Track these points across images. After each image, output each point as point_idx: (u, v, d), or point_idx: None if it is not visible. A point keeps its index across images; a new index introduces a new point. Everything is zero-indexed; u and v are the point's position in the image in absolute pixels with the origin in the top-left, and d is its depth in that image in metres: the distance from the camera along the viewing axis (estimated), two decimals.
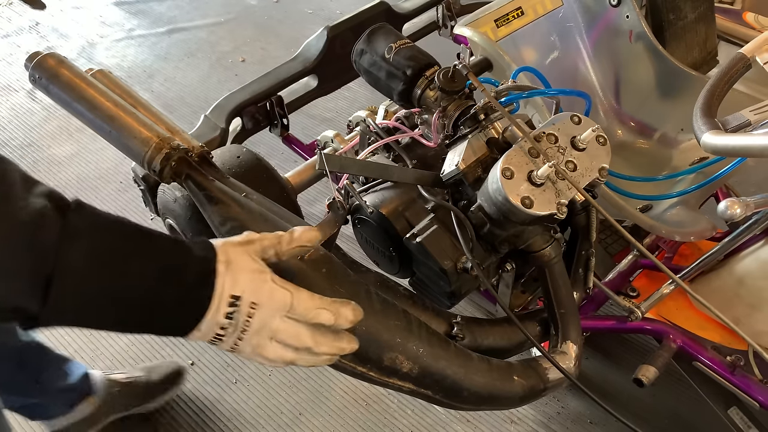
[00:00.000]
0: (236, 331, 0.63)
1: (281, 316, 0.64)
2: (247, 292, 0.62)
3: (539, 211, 0.89)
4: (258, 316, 0.63)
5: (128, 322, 0.62)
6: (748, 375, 1.11)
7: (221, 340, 0.63)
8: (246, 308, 0.62)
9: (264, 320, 0.63)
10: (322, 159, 0.96)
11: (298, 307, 0.65)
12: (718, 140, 0.90)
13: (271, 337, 0.64)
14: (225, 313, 0.62)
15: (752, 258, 1.13)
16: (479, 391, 0.92)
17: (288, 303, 0.64)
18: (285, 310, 0.64)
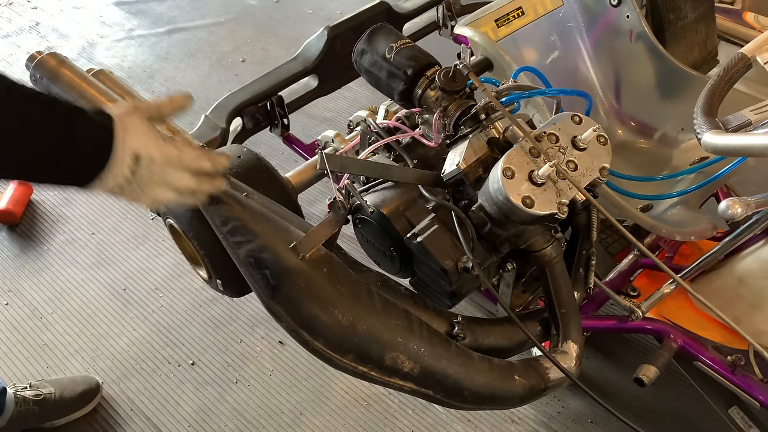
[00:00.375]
0: (135, 182, 0.74)
1: (171, 167, 0.76)
2: (144, 149, 0.73)
3: (540, 210, 0.89)
4: (156, 169, 0.74)
5: (35, 169, 0.69)
6: (748, 374, 1.11)
7: (122, 190, 0.74)
8: (145, 162, 0.73)
9: (160, 172, 0.75)
10: (323, 158, 0.96)
11: (185, 158, 0.77)
12: (718, 140, 0.90)
13: (163, 184, 0.76)
14: (128, 167, 0.72)
15: (753, 257, 1.13)
16: (480, 390, 0.92)
17: (177, 156, 0.77)
18: (175, 162, 0.76)
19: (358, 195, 1.07)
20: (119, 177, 0.72)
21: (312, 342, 0.87)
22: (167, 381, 1.61)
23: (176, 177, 0.77)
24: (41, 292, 1.85)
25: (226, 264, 1.07)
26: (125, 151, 0.71)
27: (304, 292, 0.87)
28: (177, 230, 1.18)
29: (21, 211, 2.05)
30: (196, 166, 0.79)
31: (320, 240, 0.91)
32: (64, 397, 1.50)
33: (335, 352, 0.87)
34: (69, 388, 1.52)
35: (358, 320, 0.87)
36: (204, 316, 1.75)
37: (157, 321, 1.75)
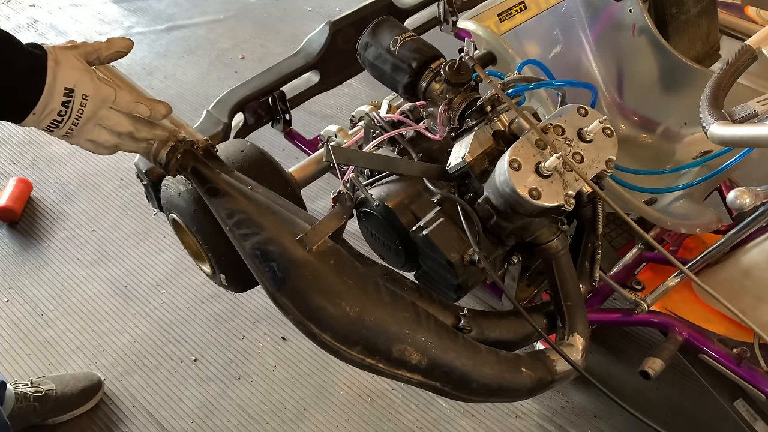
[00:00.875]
0: (70, 119, 0.73)
1: (107, 108, 0.76)
2: (79, 86, 0.73)
3: (547, 202, 0.89)
4: (89, 106, 0.74)
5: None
6: (754, 367, 1.12)
7: (57, 126, 0.74)
8: (79, 98, 0.73)
9: (94, 110, 0.74)
10: (329, 151, 0.95)
11: (120, 100, 0.76)
12: (726, 131, 0.90)
13: (98, 124, 0.76)
14: (60, 101, 0.72)
15: (759, 249, 1.13)
16: (488, 382, 0.92)
17: (112, 96, 0.75)
18: (110, 102, 0.76)
19: (363, 188, 1.07)
20: (52, 112, 0.72)
21: (319, 334, 0.87)
22: (170, 377, 1.61)
23: (112, 117, 0.77)
24: (42, 289, 1.84)
25: (230, 258, 1.06)
26: (56, 84, 0.71)
27: (311, 284, 0.86)
28: (180, 225, 1.18)
29: (21, 208, 2.04)
30: (132, 108, 0.78)
31: (327, 232, 0.90)
32: (66, 393, 1.50)
33: (343, 344, 0.87)
34: (71, 385, 1.52)
35: (366, 312, 0.86)
36: (206, 313, 1.75)
37: (159, 317, 1.75)
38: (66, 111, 0.73)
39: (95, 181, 2.18)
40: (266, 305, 1.75)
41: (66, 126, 0.74)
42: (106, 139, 0.78)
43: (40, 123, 0.73)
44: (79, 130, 0.75)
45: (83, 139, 0.77)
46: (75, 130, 0.75)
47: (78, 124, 0.75)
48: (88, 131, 0.76)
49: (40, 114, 0.72)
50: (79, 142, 0.78)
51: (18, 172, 2.21)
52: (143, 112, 0.79)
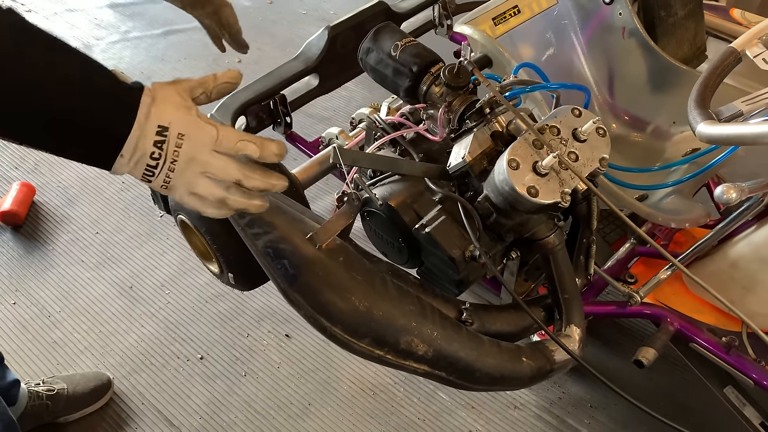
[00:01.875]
0: (166, 163, 0.63)
1: (209, 150, 0.65)
2: (174, 123, 0.63)
3: (544, 199, 0.93)
4: (186, 146, 0.63)
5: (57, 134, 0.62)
6: (742, 355, 1.16)
7: (153, 173, 0.64)
8: (174, 138, 0.63)
9: (193, 152, 0.64)
10: (336, 153, 0.99)
11: (224, 140, 0.65)
12: (712, 130, 0.95)
13: (201, 171, 0.65)
14: (153, 141, 0.62)
15: (745, 242, 1.18)
16: (491, 372, 0.97)
17: (214, 136, 0.65)
18: (212, 144, 0.65)
19: (367, 188, 1.11)
20: (144, 155, 0.62)
21: (330, 328, 0.91)
22: (177, 375, 1.65)
23: (216, 162, 0.65)
24: (48, 291, 1.87)
25: (238, 258, 1.10)
26: (149, 121, 0.62)
27: (321, 280, 0.90)
28: (188, 226, 1.21)
29: (25, 212, 2.07)
30: (238, 149, 0.66)
31: (336, 230, 0.94)
32: (77, 392, 1.53)
33: (352, 337, 0.91)
34: (81, 384, 1.55)
35: (374, 306, 0.90)
36: (211, 312, 1.79)
37: (164, 317, 1.78)
38: (160, 154, 0.63)
39: (97, 184, 2.22)
40: (270, 304, 1.79)
41: (162, 173, 0.64)
42: (210, 192, 0.66)
43: (134, 169, 0.64)
44: (178, 179, 0.65)
45: (185, 192, 0.66)
46: (174, 179, 0.64)
47: (175, 170, 0.64)
48: (190, 182, 0.65)
49: (129, 157, 0.62)
50: (182, 197, 0.67)
51: (20, 177, 2.24)
52: (252, 152, 0.66)
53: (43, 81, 0.59)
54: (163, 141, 0.63)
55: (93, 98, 0.61)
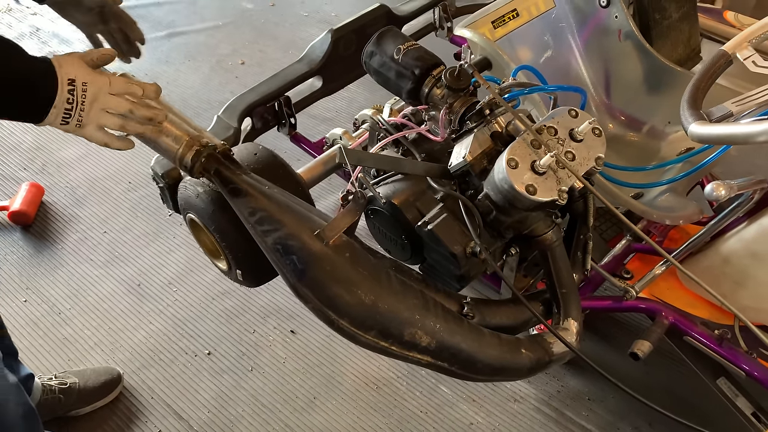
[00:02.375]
0: (77, 106, 0.85)
1: (105, 93, 0.88)
2: (79, 76, 0.86)
3: (542, 197, 0.97)
4: (90, 90, 0.86)
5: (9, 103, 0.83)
6: (734, 347, 1.20)
7: (69, 115, 0.85)
8: (80, 86, 0.85)
9: (95, 94, 0.87)
10: (342, 153, 1.03)
11: (115, 84, 0.89)
12: (703, 130, 0.99)
13: (102, 108, 0.88)
14: (67, 90, 0.84)
15: (736, 238, 1.22)
16: (492, 363, 1.00)
17: (108, 82, 0.88)
18: (107, 88, 0.88)
19: (371, 187, 1.15)
20: (63, 102, 0.84)
21: (337, 320, 0.94)
22: (185, 370, 1.68)
23: (111, 100, 0.88)
24: (58, 288, 1.91)
25: (246, 255, 1.14)
26: (62, 78, 0.84)
27: (329, 274, 0.94)
28: (197, 224, 1.25)
29: (34, 212, 2.11)
30: (126, 89, 0.89)
31: (342, 227, 0.98)
32: (88, 386, 1.57)
33: (359, 329, 0.95)
34: (92, 379, 1.59)
35: (380, 299, 0.94)
36: (217, 309, 1.82)
37: (172, 314, 1.82)
38: (72, 99, 0.85)
39: (104, 184, 2.25)
40: (275, 301, 1.83)
41: (76, 114, 0.86)
42: (112, 122, 0.89)
43: (57, 116, 0.85)
44: (87, 117, 0.87)
45: (93, 127, 0.88)
46: (84, 118, 0.86)
47: (84, 109, 0.86)
48: (95, 116, 0.87)
49: (58, 105, 0.84)
50: (91, 133, 0.88)
51: (29, 177, 2.28)
52: (136, 92, 0.90)
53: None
54: (73, 89, 0.85)
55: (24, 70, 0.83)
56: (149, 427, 1.58)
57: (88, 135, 0.89)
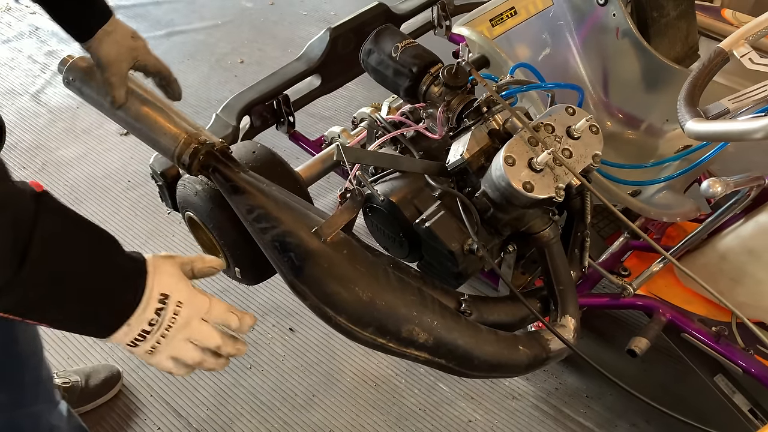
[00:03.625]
0: (160, 329, 0.67)
1: (199, 319, 0.70)
2: (174, 292, 0.68)
3: (539, 194, 0.98)
4: (183, 313, 0.68)
5: (69, 308, 0.65)
6: (731, 344, 1.21)
7: (144, 338, 0.67)
8: (173, 306, 0.68)
9: (187, 319, 0.69)
10: (340, 150, 1.04)
11: (213, 310, 0.72)
12: (700, 127, 0.99)
13: (188, 337, 0.70)
14: (155, 308, 0.67)
15: (733, 236, 1.22)
16: (489, 359, 1.01)
17: (207, 306, 0.71)
18: (203, 313, 0.71)
19: (369, 185, 1.15)
20: (144, 321, 0.66)
21: (335, 317, 0.95)
22: None
23: (204, 330, 0.71)
24: None
25: (245, 253, 1.14)
26: (154, 290, 0.67)
27: (326, 271, 0.94)
28: (196, 222, 1.25)
29: None
30: (224, 320, 0.73)
31: (340, 224, 0.98)
32: (89, 385, 1.58)
33: (356, 326, 0.95)
34: (93, 377, 1.59)
35: (377, 296, 0.94)
36: None
37: None
38: (157, 320, 0.67)
39: (104, 183, 2.26)
40: (274, 298, 1.83)
41: (153, 338, 0.67)
42: (191, 356, 0.70)
43: (128, 335, 0.66)
44: (166, 344, 0.68)
45: (165, 356, 0.69)
46: (162, 344, 0.68)
47: (167, 336, 0.68)
48: (175, 346, 0.69)
49: (134, 324, 0.66)
50: (159, 361, 0.70)
51: (28, 177, 2.28)
52: (232, 324, 0.74)
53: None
54: (162, 308, 0.67)
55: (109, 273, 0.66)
56: (148, 424, 1.59)
57: (155, 363, 0.70)
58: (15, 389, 1.09)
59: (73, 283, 0.63)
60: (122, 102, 1.01)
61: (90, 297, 0.65)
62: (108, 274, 0.66)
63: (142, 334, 0.67)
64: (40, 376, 1.15)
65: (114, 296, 0.66)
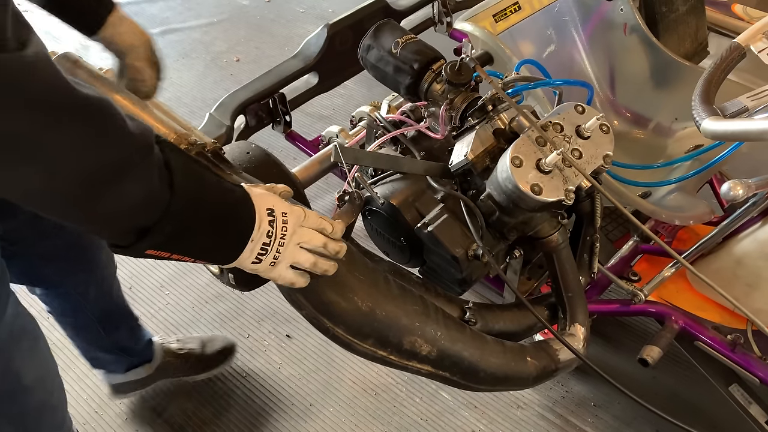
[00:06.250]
0: (276, 239, 0.74)
1: (300, 226, 0.77)
2: (276, 205, 0.75)
3: (548, 197, 0.93)
4: (290, 221, 0.76)
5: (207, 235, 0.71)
6: (747, 352, 1.16)
7: (266, 250, 0.74)
8: (280, 216, 0.75)
9: (294, 226, 0.76)
10: (337, 151, 0.98)
11: (309, 217, 0.79)
12: (717, 126, 0.94)
13: (298, 242, 0.77)
14: (268, 221, 0.73)
15: (750, 239, 1.17)
16: (495, 372, 0.96)
17: (303, 214, 0.78)
18: (302, 220, 0.78)
19: (369, 187, 1.10)
20: (263, 234, 0.73)
21: (332, 328, 0.90)
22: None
23: (306, 233, 0.77)
24: None
25: None
26: (260, 207, 0.73)
27: (323, 280, 0.89)
28: None
29: None
30: (319, 224, 0.79)
31: None
32: (206, 352, 1.59)
33: (355, 338, 0.90)
34: (209, 345, 1.61)
35: (377, 306, 0.89)
36: (211, 313, 1.77)
37: (164, 318, 1.77)
38: (272, 232, 0.74)
39: None
40: (270, 304, 1.78)
41: (273, 249, 0.74)
42: (306, 258, 0.78)
43: (253, 251, 0.73)
44: (284, 252, 0.75)
45: (285, 265, 0.77)
46: (282, 252, 0.75)
47: (284, 244, 0.75)
48: (291, 252, 0.76)
49: (255, 240, 0.72)
50: (281, 272, 0.77)
51: None
52: (327, 228, 0.80)
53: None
54: (273, 220, 0.74)
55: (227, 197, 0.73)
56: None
57: (277, 275, 0.78)
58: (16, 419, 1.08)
59: (206, 210, 0.70)
60: (155, 85, 1.07)
61: (220, 222, 0.71)
62: (227, 198, 0.72)
63: (264, 247, 0.74)
64: (46, 402, 1.14)
65: (238, 217, 0.72)
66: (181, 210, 0.66)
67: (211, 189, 0.71)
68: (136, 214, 0.64)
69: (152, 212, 0.64)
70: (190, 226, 0.68)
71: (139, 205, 0.63)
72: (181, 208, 0.66)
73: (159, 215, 0.64)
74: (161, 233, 0.66)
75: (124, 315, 1.45)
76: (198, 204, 0.69)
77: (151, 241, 0.66)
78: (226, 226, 0.71)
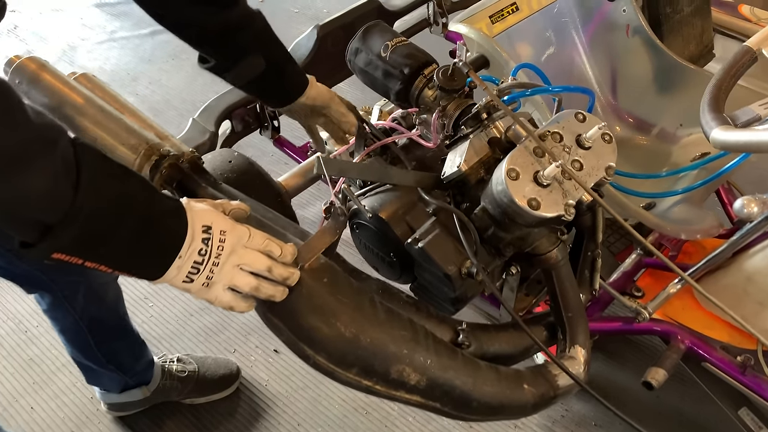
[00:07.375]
0: (210, 258, 0.70)
1: (242, 246, 0.73)
2: (215, 222, 0.71)
3: (547, 212, 0.86)
4: (228, 240, 0.72)
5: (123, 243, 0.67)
6: (758, 374, 1.10)
7: (198, 269, 0.70)
8: (217, 234, 0.71)
9: (233, 245, 0.72)
10: (320, 163, 0.92)
11: (255, 238, 0.74)
12: (728, 136, 0.88)
13: (237, 264, 0.73)
14: (201, 238, 0.70)
15: (762, 255, 1.11)
16: (489, 401, 0.89)
17: (248, 234, 0.74)
18: (245, 240, 0.74)
19: (356, 199, 1.03)
20: (194, 251, 0.69)
21: (313, 356, 0.83)
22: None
23: (249, 255, 0.73)
24: (25, 305, 1.80)
25: None
26: (195, 222, 0.70)
27: (304, 303, 0.83)
28: None
29: None
30: (266, 246, 0.75)
31: (320, 248, 0.86)
32: (206, 376, 1.54)
33: (338, 366, 0.83)
34: (211, 370, 1.56)
35: (362, 332, 0.83)
36: (196, 326, 1.71)
37: (147, 331, 1.71)
38: (206, 249, 0.70)
39: None
40: (257, 318, 1.69)
41: (206, 269, 0.70)
42: (246, 282, 0.73)
43: (180, 271, 0.69)
44: (219, 273, 0.71)
45: (222, 287, 0.73)
46: (216, 273, 0.71)
47: (218, 264, 0.71)
48: (227, 273, 0.72)
49: (184, 256, 0.69)
50: (217, 294, 0.73)
51: None
52: (274, 251, 0.75)
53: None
54: (208, 238, 0.70)
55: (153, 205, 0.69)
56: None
57: (213, 297, 0.73)
58: None
59: (122, 219, 0.66)
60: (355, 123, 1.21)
61: (140, 234, 0.67)
62: (152, 210, 0.68)
63: (195, 265, 0.70)
64: None
65: (164, 231, 0.68)
66: (90, 214, 0.63)
67: (135, 198, 0.67)
68: (35, 207, 0.61)
69: (54, 210, 0.62)
70: (101, 232, 0.65)
71: (39, 199, 0.61)
72: (89, 212, 0.63)
73: (61, 215, 0.62)
74: (66, 235, 0.62)
75: (121, 329, 1.41)
76: (112, 210, 0.65)
77: (54, 241, 0.62)
78: (146, 239, 0.68)
